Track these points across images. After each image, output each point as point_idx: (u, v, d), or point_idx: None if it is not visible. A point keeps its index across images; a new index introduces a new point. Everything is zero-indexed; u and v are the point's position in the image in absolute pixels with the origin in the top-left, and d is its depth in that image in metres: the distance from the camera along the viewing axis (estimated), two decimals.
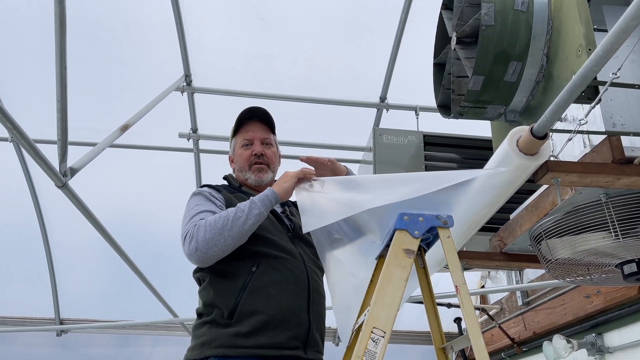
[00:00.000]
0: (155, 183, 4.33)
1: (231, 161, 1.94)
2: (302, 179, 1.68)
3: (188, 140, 3.91)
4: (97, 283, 5.04)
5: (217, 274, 1.64)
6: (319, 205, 1.59)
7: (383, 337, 1.32)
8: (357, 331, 1.62)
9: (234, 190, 1.84)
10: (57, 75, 1.81)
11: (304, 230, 1.54)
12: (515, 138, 1.48)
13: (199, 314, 1.66)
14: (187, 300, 4.48)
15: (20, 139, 1.78)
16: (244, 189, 1.87)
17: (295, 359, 1.59)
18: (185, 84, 3.62)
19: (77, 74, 2.54)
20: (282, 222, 1.80)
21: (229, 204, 1.73)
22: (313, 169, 1.75)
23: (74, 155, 2.13)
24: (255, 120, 1.91)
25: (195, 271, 1.74)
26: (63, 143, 1.95)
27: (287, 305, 1.60)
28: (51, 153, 2.03)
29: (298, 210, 1.78)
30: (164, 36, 3.48)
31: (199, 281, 1.73)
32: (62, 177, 2.00)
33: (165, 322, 4.78)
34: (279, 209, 1.85)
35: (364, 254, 1.67)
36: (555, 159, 1.66)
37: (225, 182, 1.94)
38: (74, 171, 2.07)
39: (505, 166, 1.52)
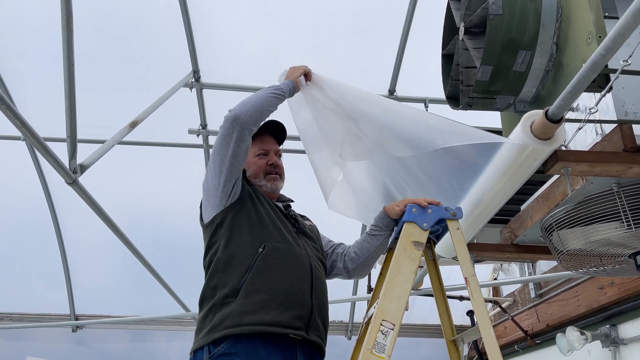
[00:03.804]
0: (165, 179, 4.36)
1: None
2: (307, 73, 2.04)
3: (197, 136, 3.93)
4: (111, 279, 5.09)
5: (226, 256, 1.68)
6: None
7: (392, 329, 1.32)
8: (367, 324, 1.62)
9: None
10: (65, 73, 1.83)
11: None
12: (529, 122, 1.46)
13: (202, 300, 1.68)
14: (199, 295, 4.52)
15: (30, 137, 1.80)
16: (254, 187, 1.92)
17: (299, 339, 1.61)
18: (193, 80, 3.63)
19: (86, 71, 2.56)
20: (288, 218, 1.86)
21: (249, 193, 1.80)
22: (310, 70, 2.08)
23: (84, 152, 2.15)
24: (267, 132, 1.98)
25: (206, 254, 1.76)
26: (72, 140, 1.97)
27: (291, 286, 1.64)
28: (62, 151, 2.05)
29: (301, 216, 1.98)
30: (172, 33, 3.49)
31: (209, 266, 1.73)
32: (72, 174, 2.02)
33: (178, 316, 4.82)
34: (282, 210, 1.91)
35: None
36: (566, 148, 1.64)
37: None
38: (83, 168, 2.09)
39: (519, 152, 1.51)
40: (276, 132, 2.01)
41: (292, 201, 2.01)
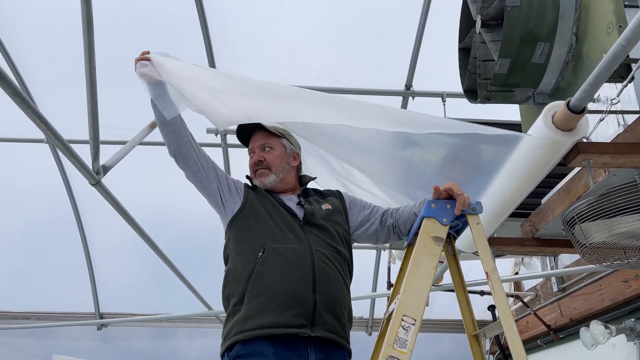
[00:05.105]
0: (185, 178, 4.40)
1: None
2: (141, 59, 1.96)
3: (216, 135, 3.95)
4: (134, 277, 5.17)
5: (233, 267, 1.77)
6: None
7: (414, 324, 1.32)
8: (388, 319, 1.63)
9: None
10: (86, 76, 1.86)
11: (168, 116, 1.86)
12: (551, 114, 1.44)
13: (225, 309, 1.77)
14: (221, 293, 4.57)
15: (54, 140, 1.84)
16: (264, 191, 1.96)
17: (302, 336, 1.62)
18: None
19: (107, 73, 2.60)
20: (292, 213, 1.85)
21: (250, 201, 1.87)
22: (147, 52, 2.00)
23: (107, 153, 2.19)
24: (257, 130, 2.01)
25: (225, 261, 1.84)
26: (95, 142, 2.01)
27: (289, 286, 1.65)
28: (84, 152, 2.09)
29: (319, 197, 1.98)
30: (190, 33, 3.52)
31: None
32: (96, 175, 2.06)
33: (200, 314, 4.88)
34: (294, 200, 1.91)
35: None
36: (587, 140, 1.62)
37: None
38: (106, 169, 2.13)
39: (540, 144, 1.49)
40: (260, 126, 1.98)
41: (313, 178, 2.05)
